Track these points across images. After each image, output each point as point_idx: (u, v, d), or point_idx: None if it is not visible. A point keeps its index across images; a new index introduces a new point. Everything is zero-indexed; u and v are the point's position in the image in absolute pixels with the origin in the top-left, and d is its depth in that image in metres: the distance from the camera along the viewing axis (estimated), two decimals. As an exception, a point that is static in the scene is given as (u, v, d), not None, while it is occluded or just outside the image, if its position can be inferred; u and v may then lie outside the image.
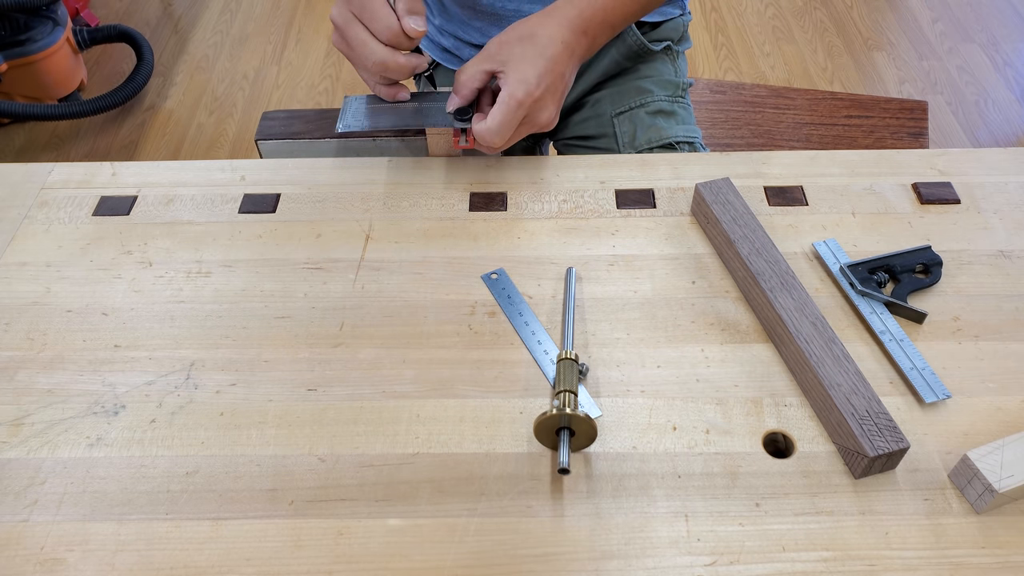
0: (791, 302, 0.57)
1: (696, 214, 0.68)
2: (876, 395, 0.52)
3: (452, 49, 0.96)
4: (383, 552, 0.49)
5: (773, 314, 0.57)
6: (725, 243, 0.63)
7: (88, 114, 1.93)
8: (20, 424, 0.56)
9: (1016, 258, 0.65)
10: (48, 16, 1.89)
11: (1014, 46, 2.24)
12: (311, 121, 0.98)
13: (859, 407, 0.51)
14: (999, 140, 1.97)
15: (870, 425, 0.50)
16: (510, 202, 0.71)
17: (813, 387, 0.54)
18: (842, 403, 0.51)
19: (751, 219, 0.63)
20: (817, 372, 0.53)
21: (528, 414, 0.55)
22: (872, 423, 0.50)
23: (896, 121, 1.09)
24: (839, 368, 0.53)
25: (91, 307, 0.63)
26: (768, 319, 0.58)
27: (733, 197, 0.65)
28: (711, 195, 0.65)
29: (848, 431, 0.51)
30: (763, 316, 0.59)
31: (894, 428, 0.50)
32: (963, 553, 0.48)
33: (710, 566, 0.48)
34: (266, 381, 0.58)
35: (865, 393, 0.52)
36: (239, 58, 2.24)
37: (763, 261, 0.60)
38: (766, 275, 0.59)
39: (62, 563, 0.49)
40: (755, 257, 0.60)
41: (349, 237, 0.68)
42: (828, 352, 0.54)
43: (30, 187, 0.73)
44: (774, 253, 0.61)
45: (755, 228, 0.62)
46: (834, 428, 0.53)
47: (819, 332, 0.55)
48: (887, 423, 0.51)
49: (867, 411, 0.51)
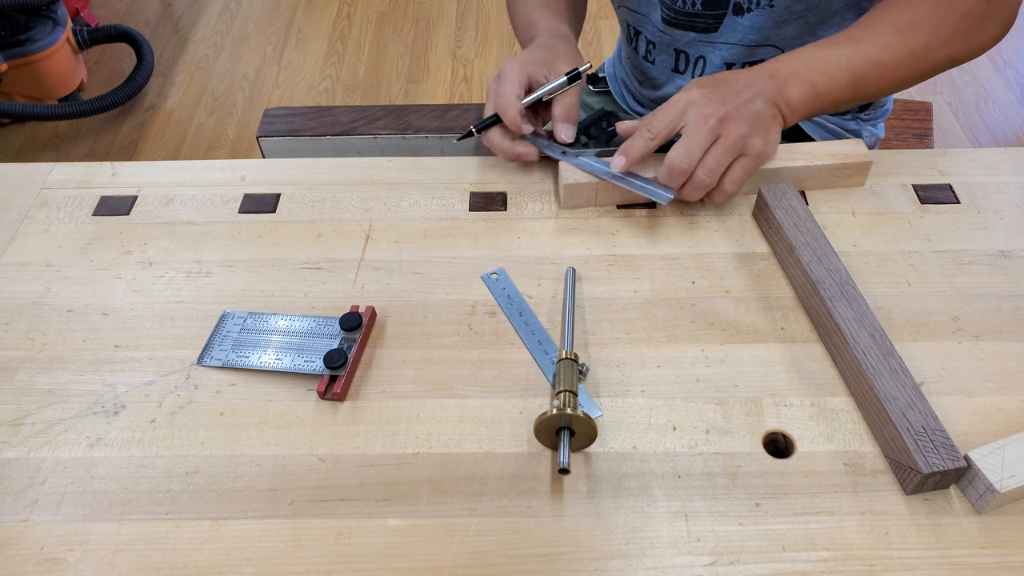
0: (850, 312, 0.56)
1: (758, 217, 0.67)
2: (933, 411, 0.51)
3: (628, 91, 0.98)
4: (383, 552, 0.49)
5: (831, 323, 0.56)
6: (785, 248, 0.62)
7: (88, 114, 1.92)
8: (20, 424, 0.56)
9: (1016, 258, 0.65)
10: (48, 16, 1.89)
11: (1014, 46, 2.24)
12: (313, 118, 0.98)
13: (915, 422, 0.50)
14: (999, 140, 1.97)
15: (925, 441, 0.49)
16: (510, 202, 0.71)
17: (868, 399, 0.53)
18: (897, 417, 0.50)
19: (813, 226, 0.62)
20: (873, 384, 0.52)
21: (528, 414, 0.55)
22: (928, 439, 0.49)
23: (901, 122, 1.09)
24: (896, 381, 0.52)
25: (91, 307, 0.63)
26: (826, 327, 0.58)
27: (796, 203, 0.64)
28: (774, 200, 0.64)
29: (902, 446, 0.50)
30: (820, 324, 0.59)
31: (950, 446, 0.49)
32: (964, 553, 0.48)
33: (710, 566, 0.48)
34: (266, 381, 0.58)
35: (922, 408, 0.51)
36: (239, 58, 2.24)
37: (824, 269, 0.59)
38: (826, 283, 0.58)
39: (62, 563, 0.49)
40: (815, 265, 0.59)
41: (349, 237, 0.68)
42: (886, 365, 0.53)
43: (30, 187, 0.73)
44: (835, 261, 0.60)
45: (817, 236, 0.61)
46: (887, 442, 0.52)
47: (877, 344, 0.54)
48: (943, 440, 0.49)
49: (923, 427, 0.50)
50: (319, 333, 0.60)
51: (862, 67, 0.67)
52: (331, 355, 0.56)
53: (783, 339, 0.59)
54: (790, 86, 0.66)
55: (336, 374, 0.56)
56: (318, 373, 0.57)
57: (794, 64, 0.67)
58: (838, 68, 0.67)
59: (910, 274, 0.64)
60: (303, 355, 0.58)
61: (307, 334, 0.60)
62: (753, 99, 0.64)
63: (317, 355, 0.58)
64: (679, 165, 0.62)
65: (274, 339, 0.60)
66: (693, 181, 0.63)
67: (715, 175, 0.62)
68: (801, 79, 0.66)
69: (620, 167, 0.65)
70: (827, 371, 0.57)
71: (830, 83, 0.67)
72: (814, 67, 0.67)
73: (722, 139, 0.62)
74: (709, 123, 0.62)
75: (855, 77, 0.67)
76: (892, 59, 0.67)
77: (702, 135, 0.62)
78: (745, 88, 0.64)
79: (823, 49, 0.68)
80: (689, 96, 0.64)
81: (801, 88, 0.66)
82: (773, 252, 0.65)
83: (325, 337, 0.59)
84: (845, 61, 0.67)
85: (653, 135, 0.64)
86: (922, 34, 0.67)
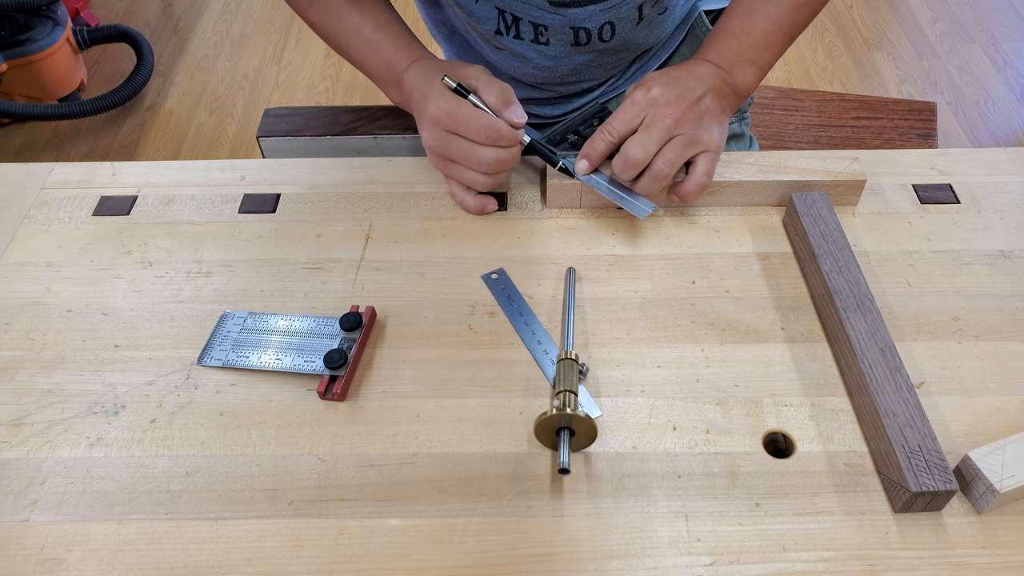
0: (863, 325, 0.56)
1: (787, 224, 0.67)
2: (933, 432, 0.50)
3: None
4: (383, 552, 0.49)
5: (842, 333, 0.56)
6: (808, 255, 0.62)
7: (88, 114, 1.93)
8: (20, 424, 0.55)
9: (1016, 258, 0.65)
10: (48, 16, 1.89)
11: (1014, 46, 2.24)
12: (313, 118, 0.98)
13: (911, 440, 0.50)
14: (999, 140, 1.97)
15: (919, 460, 0.49)
16: (510, 202, 0.71)
17: (868, 413, 0.53)
18: (894, 433, 0.50)
19: (840, 236, 0.62)
20: (875, 398, 0.52)
21: (528, 414, 0.55)
22: (922, 459, 0.49)
23: (905, 122, 1.09)
24: (899, 398, 0.52)
25: (91, 307, 0.63)
26: (837, 338, 0.58)
27: (826, 212, 0.64)
28: (804, 207, 0.65)
29: (895, 462, 0.49)
30: (832, 332, 0.59)
31: (945, 468, 0.48)
32: (964, 553, 0.48)
33: (710, 566, 0.48)
34: (266, 381, 0.58)
35: (922, 428, 0.50)
36: (239, 58, 2.24)
37: (843, 280, 0.59)
38: (843, 294, 0.58)
39: (62, 563, 0.49)
40: (835, 274, 0.59)
41: (349, 237, 0.68)
42: (891, 381, 0.53)
43: (30, 187, 0.73)
44: (856, 274, 0.60)
45: (842, 246, 0.62)
46: (881, 457, 0.51)
47: (886, 359, 0.54)
48: (938, 462, 0.49)
49: (919, 446, 0.49)
50: (319, 333, 0.60)
51: (788, 17, 0.71)
52: (331, 355, 0.56)
53: (783, 339, 0.59)
54: (734, 72, 0.70)
55: (336, 374, 0.56)
56: (318, 373, 0.57)
57: (730, 48, 0.71)
58: (767, 33, 0.71)
59: (910, 274, 0.64)
60: (303, 355, 0.58)
61: (307, 334, 0.60)
62: (704, 95, 0.66)
63: (317, 355, 0.58)
64: (634, 155, 0.63)
65: (274, 339, 0.60)
66: (652, 171, 0.64)
67: (674, 166, 0.64)
68: (742, 61, 0.71)
69: (583, 170, 0.67)
70: (827, 371, 0.57)
71: (767, 51, 0.71)
72: (745, 44, 0.71)
73: (680, 136, 0.64)
74: (666, 121, 0.63)
75: (785, 31, 0.72)
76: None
77: (659, 131, 0.63)
78: (697, 85, 0.66)
79: (747, 18, 0.71)
80: (648, 96, 0.64)
81: (745, 70, 0.71)
82: (797, 259, 0.65)
83: (325, 337, 0.59)
84: (772, 24, 0.71)
85: (613, 135, 0.65)
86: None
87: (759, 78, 0.72)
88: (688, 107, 0.64)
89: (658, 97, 0.64)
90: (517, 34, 0.78)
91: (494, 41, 0.80)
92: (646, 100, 0.64)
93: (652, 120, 0.63)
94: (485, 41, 0.81)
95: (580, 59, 0.81)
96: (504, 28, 0.77)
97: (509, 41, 0.79)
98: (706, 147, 0.65)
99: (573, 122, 0.74)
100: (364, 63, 0.75)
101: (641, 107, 0.64)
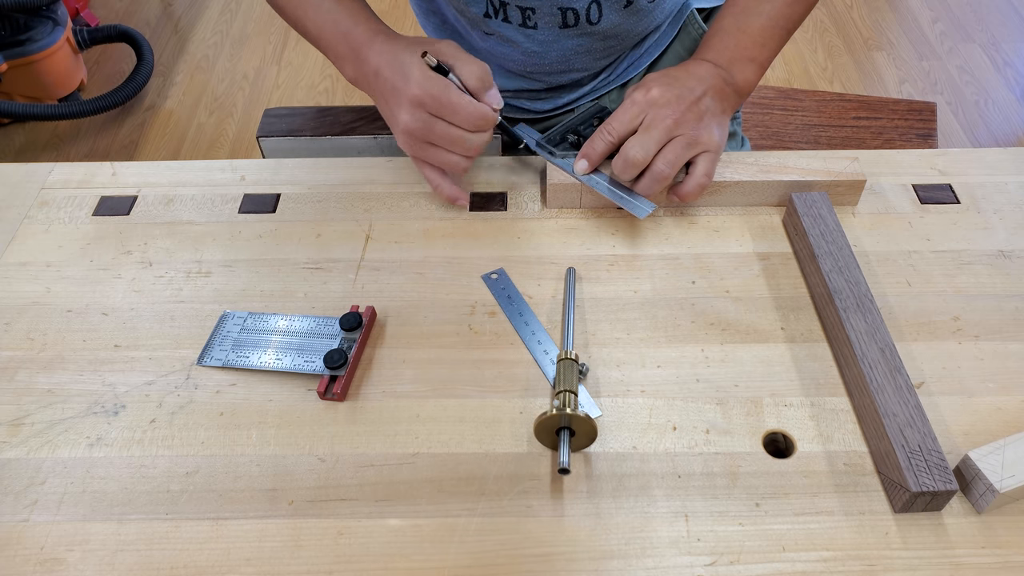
0: (863, 325, 0.56)
1: (787, 224, 0.67)
2: (933, 432, 0.50)
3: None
4: (383, 552, 0.49)
5: (842, 333, 0.56)
6: (808, 256, 0.62)
7: (88, 114, 1.93)
8: (20, 424, 0.56)
9: (1016, 258, 0.65)
10: (48, 16, 1.89)
11: (1014, 46, 2.24)
12: (313, 118, 0.98)
13: (911, 440, 0.50)
14: (999, 140, 1.97)
15: (919, 460, 0.49)
16: (510, 202, 0.71)
17: (868, 413, 0.53)
18: (894, 433, 0.50)
19: (840, 237, 0.62)
20: (875, 398, 0.52)
21: (528, 414, 0.55)
22: (922, 459, 0.49)
23: (905, 122, 1.09)
24: (899, 398, 0.52)
25: (91, 307, 0.63)
26: (837, 338, 0.58)
27: (826, 212, 0.64)
28: (804, 207, 0.65)
29: (894, 463, 0.49)
30: (832, 333, 0.59)
31: (945, 468, 0.48)
32: (964, 553, 0.48)
33: (710, 566, 0.48)
34: (266, 381, 0.58)
35: (922, 428, 0.50)
36: (239, 58, 2.24)
37: (843, 280, 0.59)
38: (843, 294, 0.58)
39: (62, 563, 0.49)
40: (835, 275, 0.59)
41: (349, 237, 0.68)
42: (891, 381, 0.53)
43: (30, 187, 0.73)
44: (856, 274, 0.60)
45: (842, 247, 0.61)
46: (881, 457, 0.51)
47: (886, 359, 0.54)
48: (938, 462, 0.49)
49: (919, 446, 0.49)
50: (319, 333, 0.60)
51: (784, 12, 0.71)
52: (331, 355, 0.56)
53: (783, 339, 0.59)
54: (734, 71, 0.70)
55: (336, 374, 0.56)
56: (318, 373, 0.57)
57: (728, 46, 0.71)
58: (763, 29, 0.71)
59: (910, 274, 0.64)
60: (303, 355, 0.58)
61: (307, 334, 0.60)
62: (704, 95, 0.66)
63: (317, 355, 0.58)
64: (634, 156, 0.63)
65: (274, 339, 0.60)
66: (652, 172, 0.64)
67: (674, 167, 0.64)
68: (741, 60, 0.71)
69: (582, 170, 0.67)
70: (827, 371, 0.57)
71: (765, 48, 0.72)
72: (743, 42, 0.71)
73: (680, 137, 0.64)
74: (666, 122, 0.63)
75: (782, 26, 0.72)
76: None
77: (659, 131, 0.63)
78: (697, 85, 0.66)
79: (743, 16, 0.72)
80: (647, 96, 0.65)
81: (745, 68, 0.71)
82: (797, 259, 0.65)
83: (325, 337, 0.59)
84: (768, 20, 0.71)
85: (613, 135, 0.65)
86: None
87: (759, 75, 0.72)
88: (688, 107, 0.64)
89: (658, 97, 0.64)
90: (505, 17, 0.77)
91: (483, 26, 0.79)
92: (646, 100, 0.64)
93: (652, 120, 0.63)
94: (475, 27, 0.81)
95: (569, 43, 0.80)
96: (492, 11, 0.77)
97: (498, 25, 0.78)
98: (706, 147, 0.65)
99: (573, 122, 0.74)
100: (319, 36, 0.72)
101: (641, 107, 0.64)
